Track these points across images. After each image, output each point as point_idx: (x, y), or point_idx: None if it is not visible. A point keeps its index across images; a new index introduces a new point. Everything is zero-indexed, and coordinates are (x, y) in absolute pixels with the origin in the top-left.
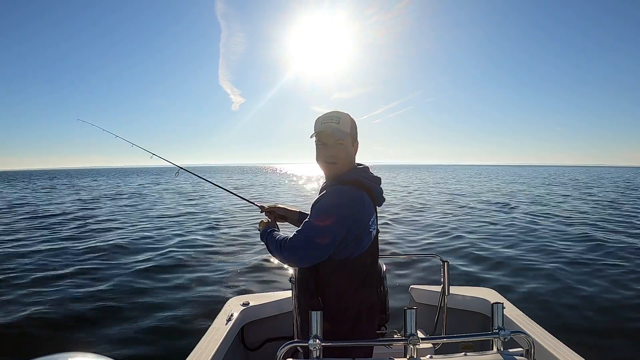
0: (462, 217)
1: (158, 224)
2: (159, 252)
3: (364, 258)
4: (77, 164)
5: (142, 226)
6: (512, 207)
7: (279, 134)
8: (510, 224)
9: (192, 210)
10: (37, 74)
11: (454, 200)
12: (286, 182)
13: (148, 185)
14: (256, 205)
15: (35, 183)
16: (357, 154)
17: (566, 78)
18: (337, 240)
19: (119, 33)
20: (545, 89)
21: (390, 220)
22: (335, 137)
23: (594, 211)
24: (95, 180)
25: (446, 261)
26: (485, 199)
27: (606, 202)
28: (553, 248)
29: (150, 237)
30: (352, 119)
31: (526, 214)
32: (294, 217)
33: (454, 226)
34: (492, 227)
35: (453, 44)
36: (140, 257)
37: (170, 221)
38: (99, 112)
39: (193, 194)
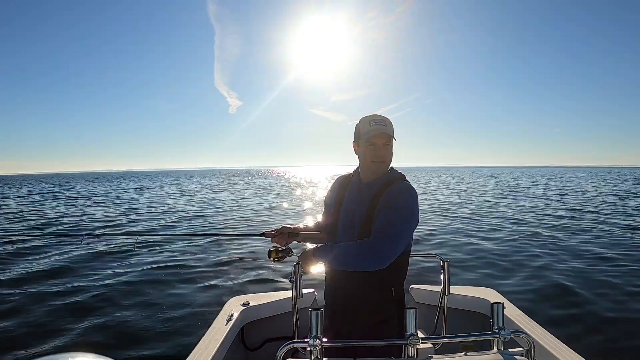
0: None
1: (158, 222)
2: (159, 252)
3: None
4: (77, 168)
5: (142, 225)
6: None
7: (278, 137)
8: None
9: (192, 209)
10: (32, 76)
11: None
12: (303, 184)
13: (149, 187)
14: (262, 235)
15: (36, 187)
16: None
17: (564, 79)
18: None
19: (116, 34)
20: (542, 90)
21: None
22: (385, 139)
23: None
24: (105, 183)
25: (446, 261)
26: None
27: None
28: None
29: (150, 236)
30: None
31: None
32: (304, 236)
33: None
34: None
35: (451, 47)
36: (140, 256)
37: (170, 220)
38: (95, 115)
39: (195, 194)
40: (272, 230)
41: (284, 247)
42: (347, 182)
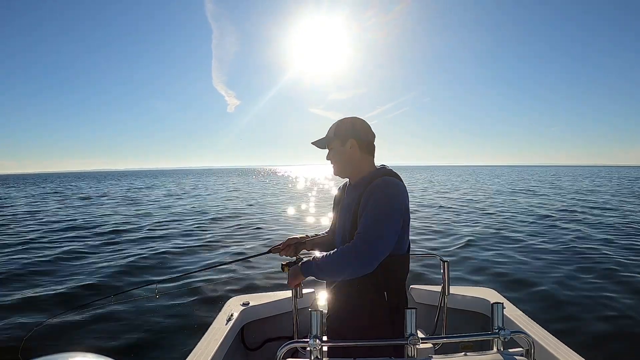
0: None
1: (157, 222)
2: (159, 252)
3: (408, 254)
4: (76, 167)
5: (141, 225)
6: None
7: (277, 136)
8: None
9: (191, 207)
10: (31, 77)
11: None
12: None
13: (146, 186)
14: (269, 252)
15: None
16: (368, 150)
17: (561, 78)
18: (398, 231)
19: (114, 35)
20: (540, 89)
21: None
22: (320, 146)
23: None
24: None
25: (446, 261)
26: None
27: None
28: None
29: (149, 236)
30: (344, 121)
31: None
32: (312, 243)
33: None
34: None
35: (449, 46)
36: (139, 256)
37: (169, 219)
38: (94, 115)
39: (194, 191)
40: (279, 245)
41: (294, 259)
42: (347, 185)
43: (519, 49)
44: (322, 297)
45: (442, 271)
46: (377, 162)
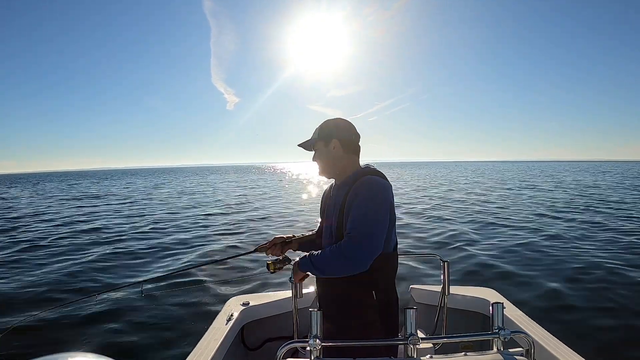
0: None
1: (156, 222)
2: (159, 252)
3: (395, 252)
4: (77, 166)
5: (140, 226)
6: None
7: (276, 133)
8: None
9: (189, 207)
10: (31, 77)
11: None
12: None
13: (146, 185)
14: (256, 251)
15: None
16: (351, 150)
17: (558, 73)
18: (387, 228)
19: (113, 34)
20: (538, 84)
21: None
22: (306, 147)
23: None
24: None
25: (446, 261)
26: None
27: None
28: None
29: (149, 236)
30: (327, 122)
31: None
32: (298, 242)
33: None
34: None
35: (447, 42)
36: (140, 256)
37: (168, 220)
38: (93, 113)
39: (193, 191)
40: (265, 243)
41: (280, 258)
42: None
43: (519, 45)
44: None
45: (442, 271)
46: (377, 157)
